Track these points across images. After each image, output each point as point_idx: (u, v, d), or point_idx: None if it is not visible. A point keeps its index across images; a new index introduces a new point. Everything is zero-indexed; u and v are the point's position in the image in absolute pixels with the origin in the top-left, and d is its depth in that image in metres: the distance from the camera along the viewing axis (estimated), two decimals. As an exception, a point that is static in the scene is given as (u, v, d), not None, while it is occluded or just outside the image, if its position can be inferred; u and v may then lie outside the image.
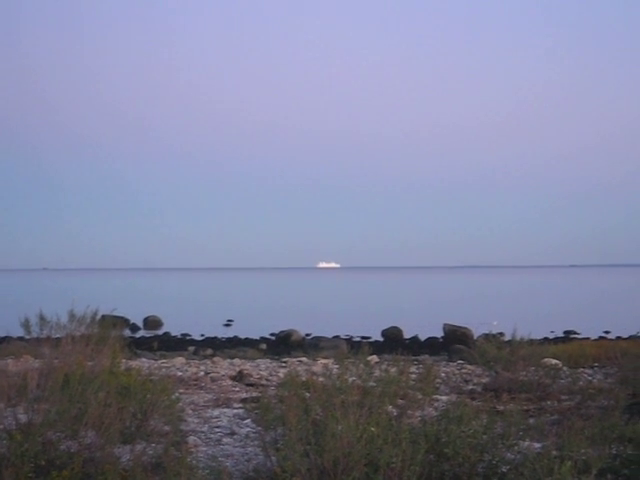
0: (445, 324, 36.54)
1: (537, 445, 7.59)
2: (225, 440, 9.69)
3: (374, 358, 17.60)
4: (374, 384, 8.73)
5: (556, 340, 32.09)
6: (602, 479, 6.67)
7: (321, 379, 8.84)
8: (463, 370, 17.01)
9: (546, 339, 31.50)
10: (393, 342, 33.40)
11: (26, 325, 12.06)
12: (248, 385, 14.65)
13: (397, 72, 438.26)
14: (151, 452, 7.83)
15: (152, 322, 45.90)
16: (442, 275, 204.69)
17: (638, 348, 16.12)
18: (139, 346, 28.65)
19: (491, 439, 7.30)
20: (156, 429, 9.15)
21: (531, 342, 14.91)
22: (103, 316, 13.41)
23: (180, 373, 16.03)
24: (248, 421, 10.22)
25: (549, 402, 12.32)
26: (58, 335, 11.86)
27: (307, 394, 8.05)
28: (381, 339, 36.60)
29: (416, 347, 32.14)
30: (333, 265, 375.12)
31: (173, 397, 9.76)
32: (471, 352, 15.84)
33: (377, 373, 9.22)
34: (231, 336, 37.89)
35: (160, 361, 19.07)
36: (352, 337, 37.00)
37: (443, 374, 16.07)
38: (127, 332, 37.03)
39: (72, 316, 12.33)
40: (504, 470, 7.07)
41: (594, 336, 34.54)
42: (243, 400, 12.40)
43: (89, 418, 7.59)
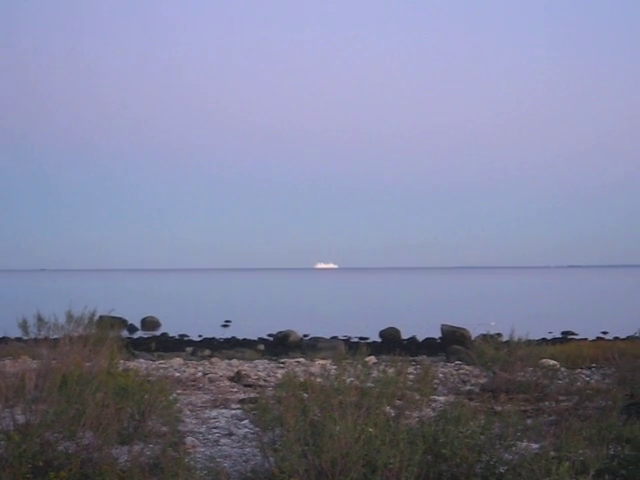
0: (443, 325, 36.57)
1: (535, 446, 7.60)
2: (223, 441, 9.69)
3: (372, 359, 17.60)
4: (372, 385, 8.74)
5: (554, 341, 32.10)
6: (599, 479, 6.68)
7: (319, 380, 8.84)
8: (461, 371, 17.02)
9: (544, 340, 31.49)
10: (391, 343, 33.43)
11: (24, 326, 12.09)
12: (246, 386, 14.65)
13: (397, 72, 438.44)
14: (149, 453, 7.83)
15: (150, 323, 45.89)
16: (440, 276, 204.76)
17: (636, 349, 16.11)
18: (137, 347, 28.59)
19: (489, 440, 7.31)
20: (154, 430, 9.15)
21: (529, 343, 14.93)
22: (101, 317, 13.43)
23: (178, 374, 16.02)
24: (246, 422, 10.22)
25: (547, 403, 12.33)
26: (56, 336, 11.88)
27: (305, 395, 8.06)
28: (379, 340, 36.62)
29: (414, 348, 32.14)
30: (331, 266, 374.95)
31: (171, 398, 9.76)
32: (469, 353, 15.84)
33: (375, 374, 9.23)
34: (229, 337, 37.90)
35: (158, 362, 19.07)
36: (350, 338, 36.99)
37: (441, 375, 16.06)
38: (125, 333, 37.06)
39: (70, 317, 12.35)
40: (502, 471, 7.07)
41: (592, 337, 34.61)
42: (241, 401, 12.40)
43: (87, 419, 7.59)
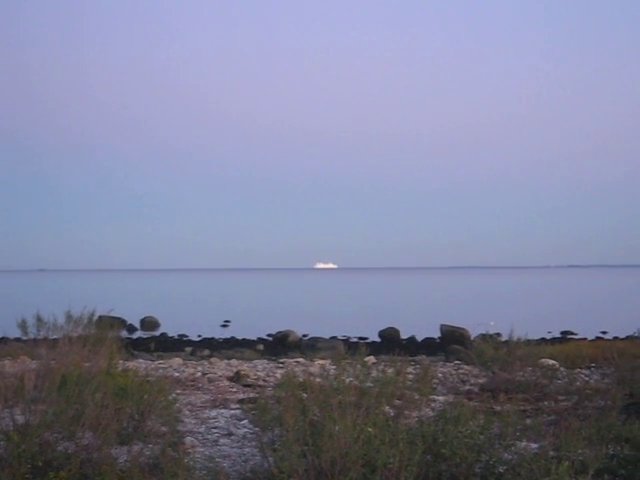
0: (442, 325, 36.60)
1: (534, 445, 7.61)
2: (222, 441, 9.69)
3: (371, 359, 17.60)
4: (371, 385, 8.74)
5: (553, 340, 32.13)
6: (599, 479, 6.68)
7: (318, 380, 8.85)
8: (460, 370, 17.02)
9: (543, 339, 31.54)
10: (390, 343, 33.44)
11: (23, 326, 12.07)
12: (245, 386, 14.66)
13: (396, 72, 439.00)
14: (148, 453, 7.84)
15: (149, 323, 45.88)
16: (439, 276, 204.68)
17: (635, 348, 16.12)
18: (136, 347, 28.61)
19: (488, 439, 7.31)
20: (153, 430, 9.15)
21: (528, 342, 14.94)
22: (100, 317, 13.42)
23: (177, 374, 16.03)
24: (245, 422, 10.23)
25: (546, 402, 12.33)
26: (55, 336, 11.87)
27: (304, 395, 8.06)
28: (378, 340, 36.63)
29: (413, 347, 32.16)
30: (330, 266, 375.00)
31: (170, 398, 9.77)
32: (468, 352, 15.84)
33: (374, 374, 9.23)
34: (228, 337, 37.91)
35: (157, 362, 19.06)
36: (349, 338, 36.99)
37: (440, 374, 16.06)
38: (124, 333, 37.06)
39: (69, 317, 12.34)
40: (501, 470, 7.08)
41: (591, 336, 34.65)
42: (240, 401, 12.40)
43: (86, 419, 7.60)
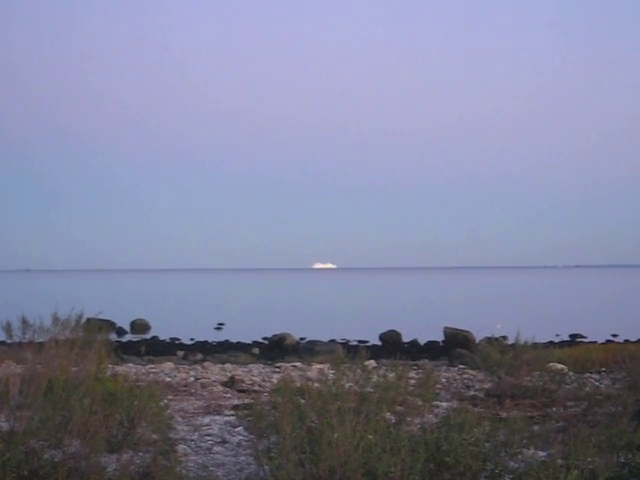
0: (446, 327, 36.61)
1: (542, 453, 7.61)
2: (216, 449, 9.69)
3: (372, 363, 17.60)
4: (372, 390, 8.73)
5: (562, 344, 32.01)
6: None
7: (316, 385, 8.84)
8: (464, 375, 17.04)
9: (551, 343, 31.44)
10: (391, 346, 33.48)
11: (8, 329, 12.05)
12: (240, 391, 14.66)
13: (396, 70, 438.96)
14: (139, 461, 7.83)
15: (139, 326, 45.86)
16: (442, 276, 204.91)
17: (647, 352, 16.14)
18: (126, 351, 28.64)
19: (494, 447, 7.31)
20: (144, 437, 9.15)
21: (535, 346, 14.93)
22: (88, 319, 13.41)
23: (169, 379, 16.03)
24: (240, 429, 10.22)
25: (554, 408, 12.34)
26: (41, 339, 11.85)
27: (302, 400, 8.06)
28: (379, 343, 36.62)
29: (415, 351, 32.19)
30: (329, 266, 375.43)
31: (161, 404, 9.76)
32: (473, 356, 15.86)
33: (375, 379, 9.22)
34: (222, 340, 37.91)
35: (148, 366, 19.07)
36: (349, 341, 37.01)
37: (444, 379, 16.09)
38: (113, 336, 37.09)
39: (56, 319, 12.31)
40: (507, 479, 7.09)
41: (601, 339, 34.71)
42: (235, 407, 12.40)
43: (74, 426, 7.59)
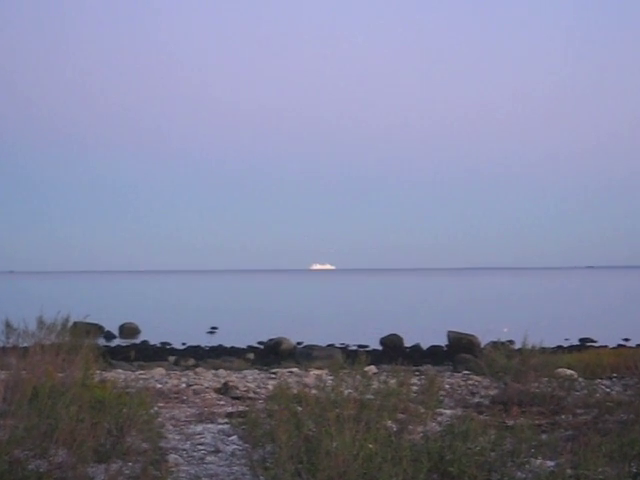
0: (449, 331, 36.66)
1: (550, 463, 7.60)
2: (209, 458, 9.67)
3: (372, 369, 17.62)
4: (372, 397, 8.73)
5: (571, 348, 32.21)
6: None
7: (314, 391, 8.83)
8: (469, 381, 17.04)
9: (560, 347, 31.61)
10: (393, 351, 33.50)
11: (-9, 333, 12.03)
12: (234, 398, 14.66)
13: (398, 68, 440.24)
14: (128, 472, 7.82)
15: (129, 330, 45.86)
16: (446, 278, 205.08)
17: (660, 357, 16.13)
18: (114, 356, 28.62)
19: (500, 457, 7.30)
20: (133, 446, 9.12)
21: (543, 351, 14.94)
22: (75, 323, 13.37)
23: (159, 385, 16.02)
24: (234, 437, 10.22)
25: (563, 416, 12.33)
26: (26, 344, 11.83)
27: (299, 408, 8.05)
28: (379, 348, 36.67)
29: (418, 356, 32.21)
30: (328, 267, 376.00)
31: (152, 411, 9.74)
32: (478, 362, 15.84)
33: (375, 385, 9.21)
34: (215, 345, 37.92)
35: (138, 372, 19.06)
36: (348, 346, 37.06)
37: (447, 386, 16.08)
38: (101, 340, 37.13)
39: (41, 323, 12.29)
40: (514, 490, 7.08)
41: (612, 344, 34.68)
42: (229, 415, 12.39)
43: (60, 435, 7.57)
